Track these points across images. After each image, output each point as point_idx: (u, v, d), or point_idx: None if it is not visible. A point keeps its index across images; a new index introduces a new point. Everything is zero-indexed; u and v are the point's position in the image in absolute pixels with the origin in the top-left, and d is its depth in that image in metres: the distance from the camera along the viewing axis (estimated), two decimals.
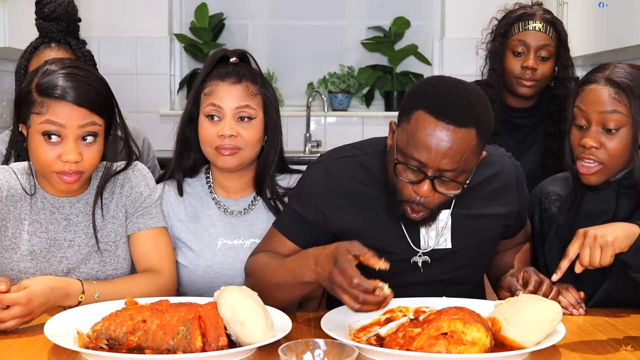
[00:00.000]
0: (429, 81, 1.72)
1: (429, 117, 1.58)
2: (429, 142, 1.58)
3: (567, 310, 1.78)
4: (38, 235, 1.80)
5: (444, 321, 1.45)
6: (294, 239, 1.81)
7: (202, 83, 1.96)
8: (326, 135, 4.52)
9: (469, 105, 1.61)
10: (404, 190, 1.66)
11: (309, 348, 1.31)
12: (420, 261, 1.81)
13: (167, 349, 1.43)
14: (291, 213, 1.83)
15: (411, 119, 1.62)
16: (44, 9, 2.41)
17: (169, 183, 2.04)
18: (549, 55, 2.48)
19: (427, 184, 1.61)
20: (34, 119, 1.71)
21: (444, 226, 1.81)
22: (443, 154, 1.58)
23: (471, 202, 1.81)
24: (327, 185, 1.80)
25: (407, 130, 1.62)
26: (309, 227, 1.80)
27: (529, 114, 2.59)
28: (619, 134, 1.80)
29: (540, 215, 2.00)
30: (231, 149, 1.91)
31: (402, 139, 1.64)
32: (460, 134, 1.58)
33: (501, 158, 1.89)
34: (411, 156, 1.61)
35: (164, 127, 4.41)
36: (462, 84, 1.67)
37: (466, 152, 1.59)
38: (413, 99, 1.65)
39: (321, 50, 4.65)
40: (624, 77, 1.80)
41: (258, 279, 1.75)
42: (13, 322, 1.57)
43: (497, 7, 2.66)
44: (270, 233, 1.87)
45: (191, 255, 1.98)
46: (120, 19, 4.42)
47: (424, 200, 1.64)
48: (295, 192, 1.87)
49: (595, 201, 1.90)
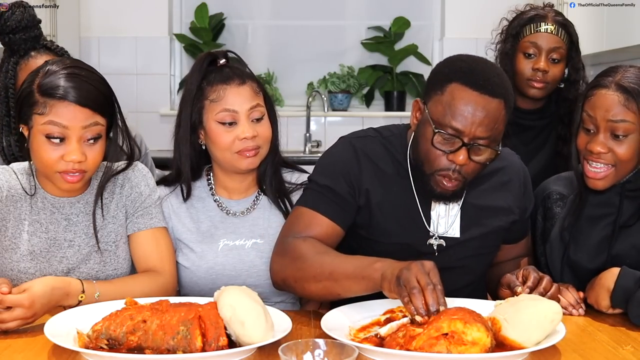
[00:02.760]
0: (459, 57, 1.80)
1: (465, 88, 1.68)
2: (466, 111, 1.67)
3: (567, 310, 1.78)
4: (38, 236, 1.80)
5: (444, 321, 1.45)
6: (327, 212, 1.81)
7: (198, 90, 1.93)
8: (326, 135, 4.52)
9: (498, 77, 1.72)
10: (438, 161, 1.72)
11: (309, 348, 1.31)
12: (436, 244, 1.85)
13: (167, 349, 1.43)
14: (320, 189, 1.84)
15: (445, 90, 1.71)
16: (8, 24, 2.34)
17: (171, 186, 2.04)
18: (560, 58, 2.47)
19: (464, 151, 1.69)
20: (36, 120, 1.71)
21: (453, 214, 1.85)
22: (480, 122, 1.67)
23: (480, 193, 1.87)
24: (354, 159, 1.85)
25: (441, 101, 1.71)
26: (341, 201, 1.82)
27: (538, 116, 2.58)
28: (628, 140, 1.79)
29: (544, 214, 2.00)
30: (254, 149, 1.91)
31: (436, 111, 1.71)
32: (494, 104, 1.68)
33: (509, 155, 1.96)
34: (449, 125, 1.69)
35: (164, 127, 4.41)
36: (488, 60, 1.80)
37: (498, 121, 1.70)
38: (444, 73, 1.74)
39: (321, 50, 4.65)
40: (634, 83, 1.78)
41: (310, 261, 1.71)
42: (14, 323, 1.57)
43: (497, 8, 2.66)
44: (297, 213, 1.84)
45: (193, 256, 1.98)
46: (120, 19, 4.42)
47: (459, 168, 1.71)
48: (321, 169, 1.88)
49: (599, 203, 1.89)
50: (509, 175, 1.92)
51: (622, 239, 1.86)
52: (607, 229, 1.88)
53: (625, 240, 1.86)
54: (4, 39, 2.38)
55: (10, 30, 2.35)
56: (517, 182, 1.92)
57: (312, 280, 1.69)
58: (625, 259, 1.83)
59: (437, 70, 1.79)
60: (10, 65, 2.36)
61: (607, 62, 1.99)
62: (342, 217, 1.82)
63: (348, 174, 1.83)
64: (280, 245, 1.81)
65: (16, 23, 2.35)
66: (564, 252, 1.92)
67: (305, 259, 1.72)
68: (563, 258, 1.92)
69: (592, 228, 1.89)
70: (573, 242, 1.91)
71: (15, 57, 2.37)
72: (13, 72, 2.35)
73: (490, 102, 1.68)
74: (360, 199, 1.83)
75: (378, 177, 1.84)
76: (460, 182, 1.75)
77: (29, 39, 2.37)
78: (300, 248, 1.75)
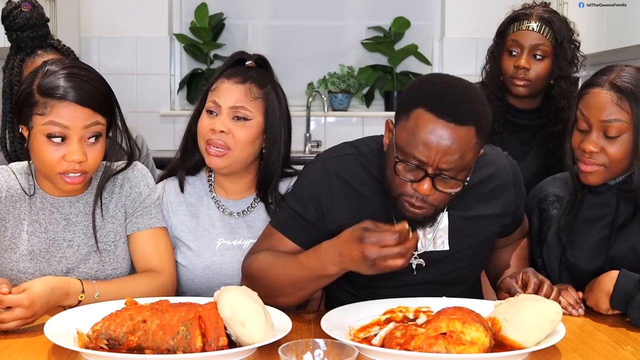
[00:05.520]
0: (429, 78, 1.70)
1: (429, 115, 1.57)
2: (430, 140, 1.56)
3: (567, 310, 1.77)
4: (37, 235, 1.80)
5: (442, 321, 1.45)
6: (295, 238, 1.80)
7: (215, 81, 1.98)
8: (326, 135, 4.52)
9: (469, 103, 1.59)
10: (402, 187, 1.65)
11: (309, 348, 1.31)
12: (415, 263, 1.80)
13: (167, 349, 1.43)
14: (290, 212, 1.82)
15: (410, 117, 1.60)
16: (16, 21, 2.36)
17: (169, 181, 2.04)
18: (544, 55, 2.46)
19: (428, 182, 1.60)
20: (36, 120, 1.71)
21: (441, 228, 1.80)
22: (444, 151, 1.56)
23: (468, 204, 1.80)
24: (325, 184, 1.79)
25: (406, 128, 1.61)
26: (309, 226, 1.80)
27: (534, 115, 2.57)
28: (620, 140, 1.78)
29: (540, 216, 1.99)
30: (220, 145, 1.91)
31: (401, 138, 1.62)
32: (461, 132, 1.57)
33: (498, 158, 1.87)
34: (411, 154, 1.59)
35: (164, 127, 4.46)
36: (461, 81, 1.66)
37: (466, 150, 1.58)
38: (412, 96, 1.63)
39: (321, 50, 4.65)
40: (628, 82, 1.76)
41: (265, 278, 1.73)
42: (14, 323, 1.58)
43: (497, 8, 2.65)
44: (268, 232, 1.85)
45: (190, 255, 1.98)
46: (120, 19, 4.42)
47: (425, 197, 1.63)
48: (294, 191, 1.86)
49: (596, 205, 1.89)
50: (499, 181, 1.84)
51: (620, 240, 1.86)
52: (605, 231, 1.87)
53: (622, 241, 1.85)
54: (12, 36, 2.40)
55: (19, 27, 2.37)
56: (506, 186, 1.85)
57: (280, 295, 1.69)
58: (623, 260, 1.83)
59: (406, 93, 1.67)
60: (16, 62, 2.38)
61: (607, 63, 1.98)
62: (310, 242, 1.73)
63: (318, 200, 1.78)
64: (243, 268, 1.83)
65: (24, 21, 2.36)
66: (562, 254, 1.91)
67: (262, 277, 1.73)
68: (561, 260, 1.91)
69: (590, 230, 1.89)
70: (570, 244, 1.90)
71: (22, 55, 2.38)
72: (19, 69, 2.37)
73: (456, 130, 1.56)
74: (330, 225, 1.77)
75: (353, 199, 1.78)
76: (427, 209, 1.66)
77: (36, 37, 2.38)
78: (255, 266, 1.76)
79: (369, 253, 1.49)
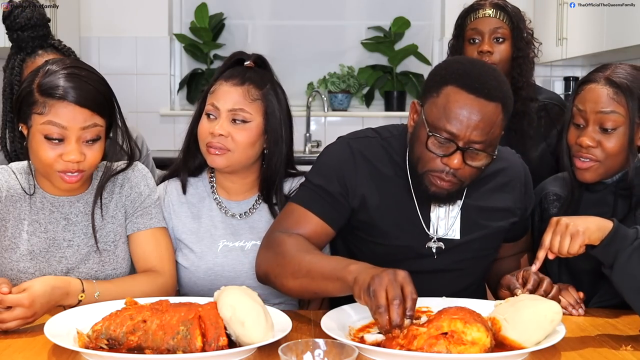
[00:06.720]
0: (456, 59, 1.81)
1: (461, 91, 1.66)
2: (461, 114, 1.65)
3: (567, 310, 1.78)
4: (37, 235, 1.80)
5: (444, 321, 1.45)
6: (319, 211, 1.81)
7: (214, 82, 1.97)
8: (326, 135, 4.53)
9: (496, 81, 1.69)
10: (432, 163, 1.71)
11: (309, 348, 1.31)
12: (435, 247, 1.83)
13: (167, 349, 1.43)
14: (313, 188, 1.84)
15: (441, 93, 1.69)
16: (17, 21, 2.36)
17: (171, 182, 2.04)
18: (504, 37, 2.52)
19: (458, 155, 1.67)
20: (35, 119, 1.71)
21: (453, 216, 1.84)
22: (474, 125, 1.65)
23: (480, 195, 1.86)
24: (350, 160, 1.84)
25: (437, 104, 1.69)
26: (333, 201, 1.82)
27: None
28: (616, 134, 1.80)
29: (540, 215, 2.00)
30: (220, 148, 1.91)
31: (431, 114, 1.70)
32: (490, 108, 1.66)
33: (510, 155, 1.95)
34: (443, 128, 1.67)
35: (164, 127, 4.46)
36: (486, 63, 1.77)
37: (494, 126, 1.68)
38: (441, 75, 1.72)
39: (321, 50, 4.65)
40: (624, 77, 1.80)
41: (289, 255, 1.70)
42: (15, 323, 1.57)
43: None
44: (289, 209, 1.85)
45: (192, 256, 1.98)
46: (120, 19, 4.42)
47: (454, 172, 1.70)
48: (317, 168, 1.88)
49: (593, 203, 1.90)
50: (510, 176, 1.91)
51: None
52: None
53: None
54: (12, 36, 2.40)
55: (19, 27, 2.37)
56: (518, 182, 1.92)
57: (290, 276, 1.69)
58: None
59: (434, 72, 1.77)
60: (17, 62, 2.38)
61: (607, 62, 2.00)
62: (333, 217, 1.81)
63: (342, 176, 1.82)
64: (267, 239, 1.82)
65: (25, 20, 2.37)
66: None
67: (286, 255, 1.72)
68: (560, 259, 1.91)
69: None
70: None
71: (22, 55, 2.38)
72: (19, 69, 2.37)
73: (486, 105, 1.66)
74: (353, 201, 1.82)
75: (375, 179, 1.83)
76: (454, 184, 1.73)
77: (37, 37, 2.38)
78: (284, 244, 1.75)
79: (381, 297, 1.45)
